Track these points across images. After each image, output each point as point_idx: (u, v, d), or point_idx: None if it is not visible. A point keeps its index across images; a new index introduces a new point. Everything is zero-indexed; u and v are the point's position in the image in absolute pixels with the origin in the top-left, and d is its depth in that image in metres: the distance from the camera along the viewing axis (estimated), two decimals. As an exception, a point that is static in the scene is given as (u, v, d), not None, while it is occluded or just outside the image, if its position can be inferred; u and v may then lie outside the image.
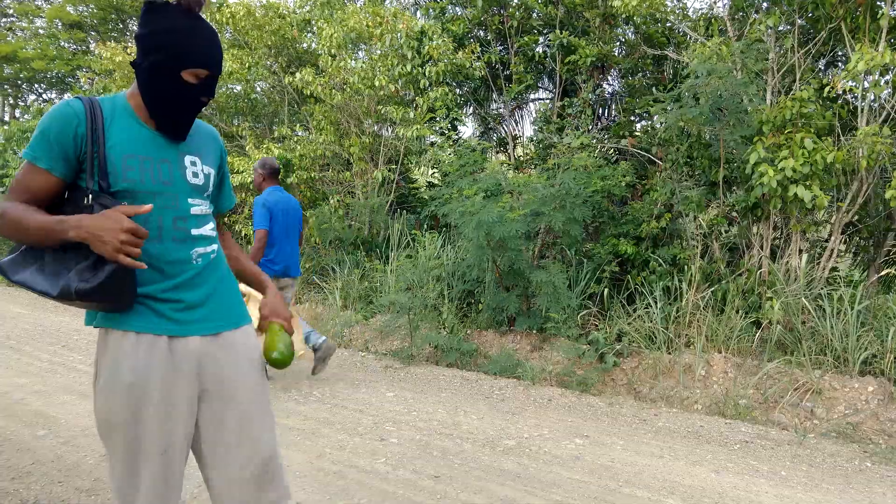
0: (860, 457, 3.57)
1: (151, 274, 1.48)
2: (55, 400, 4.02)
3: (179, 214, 1.51)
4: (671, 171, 5.71)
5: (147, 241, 1.45)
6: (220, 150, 1.69)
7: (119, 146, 1.46)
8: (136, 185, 1.46)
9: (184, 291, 1.53)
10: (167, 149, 1.53)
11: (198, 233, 1.55)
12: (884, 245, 5.48)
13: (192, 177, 1.55)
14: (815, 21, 5.58)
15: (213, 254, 1.60)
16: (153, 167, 1.49)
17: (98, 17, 14.23)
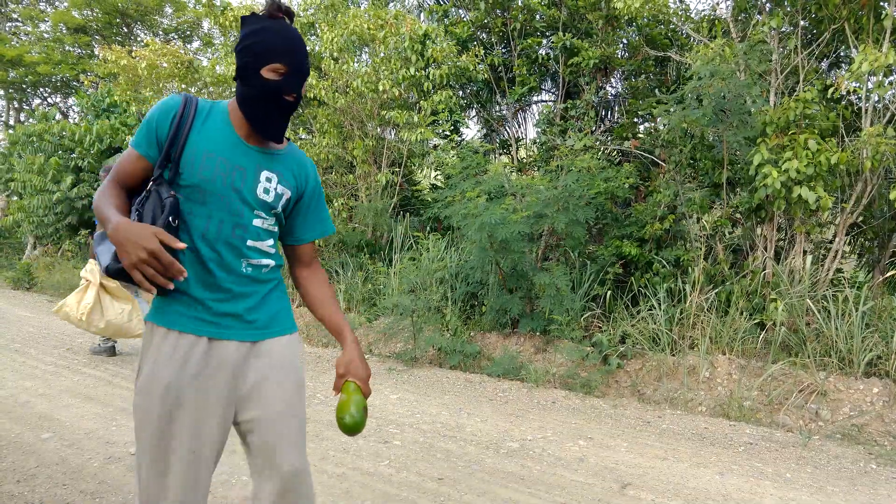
0: (865, 459, 3.56)
1: (202, 275, 1.53)
2: (60, 403, 4.04)
3: (240, 223, 1.54)
4: (674, 173, 5.71)
5: (199, 241, 1.52)
6: (307, 177, 1.67)
7: (203, 144, 1.53)
8: (206, 183, 1.51)
9: (228, 297, 1.56)
10: (247, 158, 1.56)
11: (253, 244, 1.57)
12: (888, 246, 5.46)
13: (263, 192, 1.56)
14: (819, 22, 5.57)
15: (265, 268, 1.61)
16: (228, 171, 1.53)
17: (103, 22, 14.30)
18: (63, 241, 10.25)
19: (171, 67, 8.11)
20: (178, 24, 15.22)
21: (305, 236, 1.72)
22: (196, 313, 1.53)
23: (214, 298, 1.54)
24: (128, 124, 9.65)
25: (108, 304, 4.97)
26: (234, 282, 1.55)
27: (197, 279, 1.53)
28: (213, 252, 1.52)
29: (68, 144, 9.85)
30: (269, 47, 1.47)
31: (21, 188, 10.64)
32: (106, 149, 9.64)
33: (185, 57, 8.30)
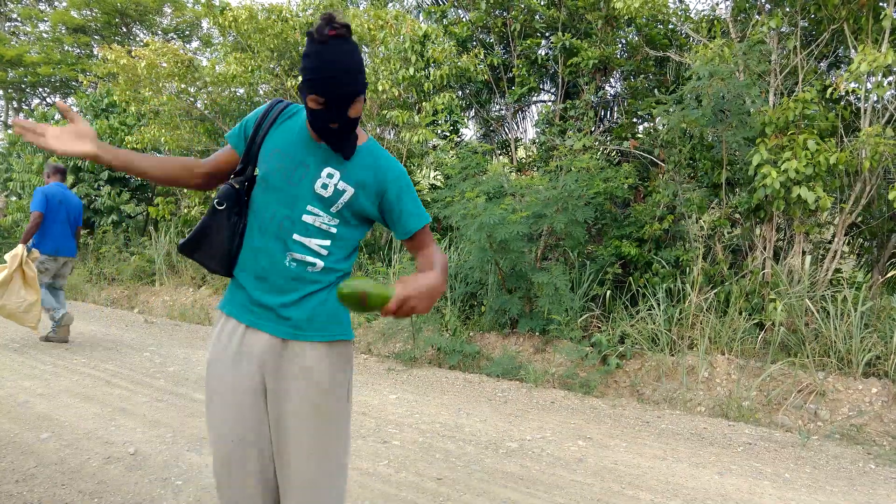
0: (864, 459, 3.56)
1: (252, 262, 1.61)
2: (59, 403, 4.04)
3: (290, 216, 1.57)
4: (673, 173, 5.71)
5: (255, 232, 1.60)
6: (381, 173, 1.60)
7: (275, 140, 1.62)
8: (268, 175, 1.59)
9: (269, 289, 1.59)
10: (312, 156, 1.58)
11: (300, 240, 1.57)
12: (887, 246, 5.47)
13: (321, 187, 1.56)
14: (818, 22, 5.57)
15: (311, 267, 1.58)
16: (290, 166, 1.58)
17: (102, 22, 14.29)
18: (62, 240, 10.25)
19: (171, 67, 8.10)
20: (177, 24, 15.22)
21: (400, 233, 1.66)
22: (242, 300, 1.62)
23: (257, 288, 1.59)
24: (127, 124, 9.64)
25: (15, 289, 5.19)
26: (276, 274, 1.58)
27: (249, 268, 1.61)
28: (263, 242, 1.58)
29: (67, 144, 9.84)
30: (310, 77, 1.46)
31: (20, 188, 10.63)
32: (105, 149, 9.63)
33: (185, 56, 8.30)
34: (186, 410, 3.98)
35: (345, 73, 1.46)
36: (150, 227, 9.66)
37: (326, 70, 1.44)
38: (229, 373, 1.59)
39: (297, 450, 1.56)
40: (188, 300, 7.73)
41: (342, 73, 1.46)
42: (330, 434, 1.59)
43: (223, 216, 1.64)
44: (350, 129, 1.53)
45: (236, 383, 1.58)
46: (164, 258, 8.57)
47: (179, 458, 3.22)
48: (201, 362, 5.23)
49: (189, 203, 8.69)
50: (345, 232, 1.62)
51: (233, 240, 1.64)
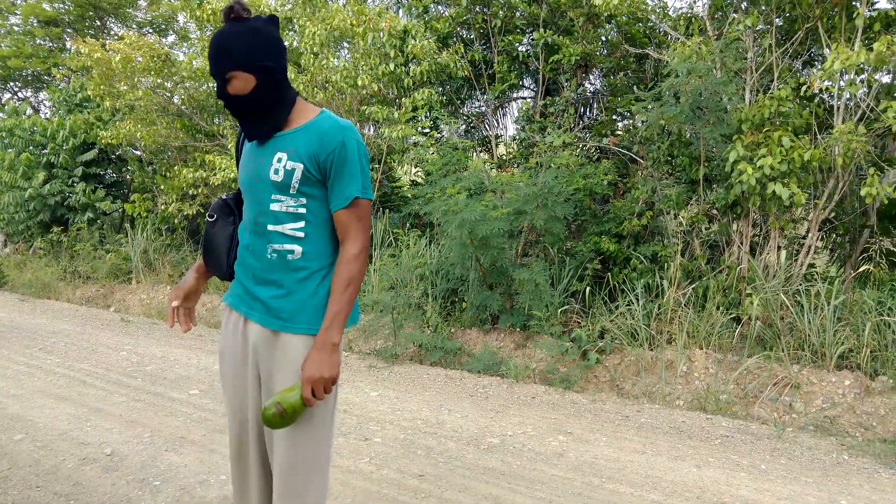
0: (837, 450, 3.63)
1: (243, 258, 1.69)
2: (32, 403, 3.96)
3: (261, 209, 1.63)
4: (652, 170, 5.76)
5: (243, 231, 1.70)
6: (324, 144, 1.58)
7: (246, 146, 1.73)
8: (242, 182, 1.69)
9: (255, 281, 1.66)
10: (267, 147, 1.64)
11: (274, 228, 1.61)
12: (859, 242, 5.58)
13: (273, 173, 1.60)
14: (793, 21, 5.66)
15: (290, 254, 1.62)
16: (253, 165, 1.65)
17: (75, 14, 14.00)
18: (34, 238, 10.03)
19: (147, 61, 7.97)
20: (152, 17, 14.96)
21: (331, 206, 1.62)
22: (240, 292, 1.71)
23: (249, 281, 1.68)
24: (102, 119, 9.46)
25: None
26: (262, 268, 1.64)
27: (242, 264, 1.70)
28: (249, 240, 1.67)
29: (40, 140, 9.64)
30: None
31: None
32: (80, 144, 9.45)
33: (161, 51, 8.16)
34: (164, 410, 3.93)
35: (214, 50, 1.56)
36: (126, 224, 9.50)
37: (211, 50, 1.57)
38: (233, 360, 1.72)
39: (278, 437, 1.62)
40: (165, 298, 7.63)
41: (214, 49, 1.56)
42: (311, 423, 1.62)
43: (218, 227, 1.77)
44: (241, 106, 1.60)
45: (239, 371, 1.71)
46: (140, 256, 8.44)
47: (157, 458, 3.18)
48: (179, 361, 5.17)
49: (167, 200, 8.56)
50: (316, 210, 1.62)
51: (229, 248, 1.76)
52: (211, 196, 8.16)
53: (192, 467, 3.07)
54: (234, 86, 1.57)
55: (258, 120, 1.61)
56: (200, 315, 7.07)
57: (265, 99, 1.59)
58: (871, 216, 5.40)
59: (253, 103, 1.59)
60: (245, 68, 1.55)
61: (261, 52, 1.56)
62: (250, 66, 1.55)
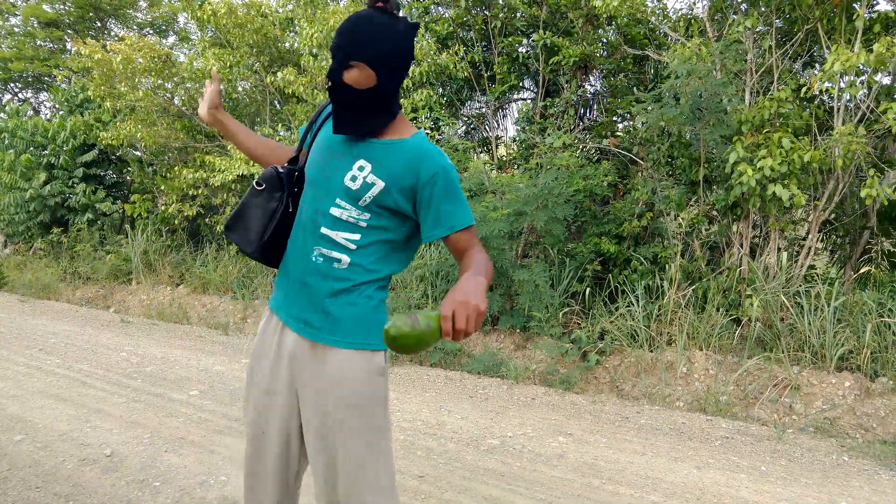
0: (837, 451, 3.63)
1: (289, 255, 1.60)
2: (32, 404, 3.96)
3: (320, 208, 1.53)
4: (652, 171, 5.76)
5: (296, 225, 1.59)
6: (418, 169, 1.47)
7: (323, 133, 1.62)
8: (308, 168, 1.60)
9: (295, 284, 1.57)
10: (347, 147, 1.53)
11: (326, 233, 1.51)
12: (859, 243, 5.58)
13: (350, 180, 1.49)
14: (793, 22, 5.66)
15: (338, 263, 1.50)
16: (326, 158, 1.55)
17: (76, 15, 14.01)
18: (35, 239, 10.04)
19: (147, 62, 7.97)
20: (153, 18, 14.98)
21: (427, 234, 1.53)
22: (279, 295, 1.63)
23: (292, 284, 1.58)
24: (102, 120, 9.47)
25: None
26: (303, 269, 1.54)
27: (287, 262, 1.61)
28: (298, 236, 1.57)
29: (40, 141, 9.65)
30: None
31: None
32: (80, 145, 9.46)
33: (162, 51, 8.16)
34: (164, 411, 3.93)
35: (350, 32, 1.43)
36: (126, 225, 9.50)
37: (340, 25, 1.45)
38: (264, 366, 1.62)
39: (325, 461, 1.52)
40: (166, 299, 7.63)
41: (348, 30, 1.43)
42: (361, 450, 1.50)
43: (261, 198, 1.63)
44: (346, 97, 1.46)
45: (270, 378, 1.60)
46: (140, 256, 8.44)
47: (157, 459, 3.18)
48: (179, 362, 5.17)
49: (167, 200, 8.56)
50: (377, 227, 1.51)
51: (268, 224, 1.61)
52: (211, 197, 8.16)
53: (191, 468, 3.07)
54: (352, 75, 1.44)
55: (357, 117, 1.49)
56: (201, 316, 7.08)
57: (375, 102, 1.47)
58: (871, 217, 5.40)
59: (361, 100, 1.46)
60: (373, 65, 1.43)
61: (396, 58, 1.46)
62: (380, 66, 1.44)
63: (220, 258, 7.92)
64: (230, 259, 7.83)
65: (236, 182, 7.53)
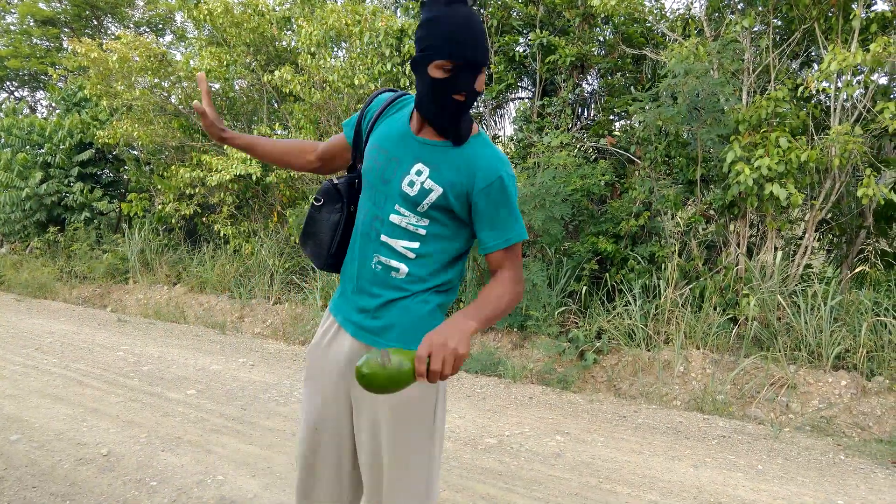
0: (834, 450, 3.64)
1: (348, 261, 1.59)
2: (28, 404, 3.95)
3: (379, 215, 1.49)
4: (649, 170, 5.77)
5: (356, 231, 1.56)
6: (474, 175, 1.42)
7: (377, 135, 1.55)
8: (366, 172, 1.54)
9: (355, 291, 1.55)
10: (405, 149, 1.47)
11: (386, 241, 1.47)
12: (856, 242, 5.59)
13: (408, 185, 1.44)
14: (790, 22, 5.67)
15: (395, 272, 1.48)
16: (384, 162, 1.49)
17: (72, 14, 13.97)
18: (31, 238, 10.01)
19: (144, 61, 7.95)
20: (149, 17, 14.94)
21: (483, 246, 1.48)
22: (338, 299, 1.62)
23: (348, 288, 1.57)
24: (99, 119, 9.44)
25: None
26: (363, 276, 1.52)
27: (347, 267, 1.60)
28: (358, 242, 1.54)
29: (37, 140, 9.62)
30: (437, 42, 1.32)
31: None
32: (77, 144, 9.43)
33: (158, 50, 8.14)
34: (161, 410, 3.92)
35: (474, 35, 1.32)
36: (123, 223, 9.48)
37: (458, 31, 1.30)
38: (320, 365, 1.61)
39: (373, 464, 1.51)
40: (163, 298, 7.62)
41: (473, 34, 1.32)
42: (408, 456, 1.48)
43: (323, 213, 1.62)
44: (471, 106, 1.40)
45: (324, 378, 1.59)
46: (137, 256, 8.42)
47: (154, 458, 3.17)
48: (176, 361, 5.16)
49: (164, 199, 8.54)
50: (437, 234, 1.47)
51: (333, 237, 1.61)
52: (208, 196, 8.14)
53: (188, 468, 3.07)
54: (481, 80, 1.36)
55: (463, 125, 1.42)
56: (198, 315, 7.06)
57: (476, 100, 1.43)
58: (867, 217, 5.41)
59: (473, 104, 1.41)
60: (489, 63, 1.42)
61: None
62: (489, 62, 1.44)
63: (218, 257, 7.91)
64: (227, 258, 7.82)
65: (233, 181, 7.51)
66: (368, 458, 1.52)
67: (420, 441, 1.50)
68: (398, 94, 1.60)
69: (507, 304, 1.43)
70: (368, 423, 1.51)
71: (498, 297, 1.42)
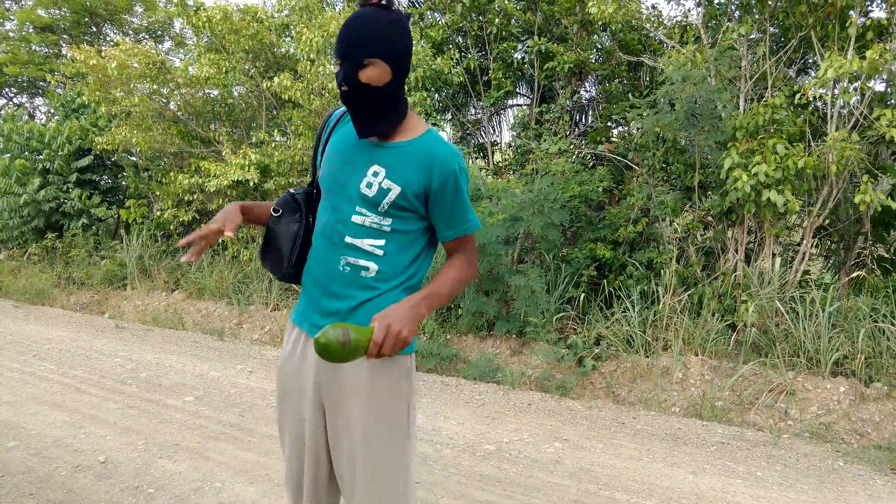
0: (833, 456, 3.64)
1: (312, 266, 1.59)
2: (26, 410, 3.94)
3: (341, 218, 1.53)
4: (647, 177, 5.78)
5: (317, 237, 1.59)
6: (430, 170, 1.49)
7: (332, 144, 1.61)
8: (323, 179, 1.59)
9: (324, 295, 1.56)
10: (359, 153, 1.53)
11: (352, 242, 1.51)
12: (853, 248, 5.60)
13: (366, 186, 1.49)
14: (786, 29, 5.70)
15: (365, 271, 1.51)
16: (340, 167, 1.55)
17: (71, 21, 14.00)
18: (29, 244, 9.99)
19: (143, 68, 7.96)
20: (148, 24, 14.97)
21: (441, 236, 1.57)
22: (303, 307, 1.62)
23: (315, 292, 1.58)
24: (98, 125, 9.45)
25: None
26: (332, 279, 1.54)
27: (311, 273, 1.60)
28: (321, 247, 1.56)
29: (35, 146, 9.62)
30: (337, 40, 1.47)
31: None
32: (75, 150, 9.43)
33: (157, 57, 8.16)
34: (159, 417, 3.91)
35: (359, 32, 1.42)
36: (121, 230, 9.47)
37: (345, 29, 1.43)
38: (291, 380, 1.62)
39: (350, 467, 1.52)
40: (161, 304, 7.61)
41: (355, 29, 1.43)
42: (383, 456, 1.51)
43: (282, 223, 1.66)
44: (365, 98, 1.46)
45: (297, 392, 1.60)
46: (135, 262, 8.41)
47: (152, 465, 3.16)
48: (174, 368, 5.15)
49: (162, 206, 8.54)
50: (401, 230, 1.52)
51: (293, 247, 1.64)
52: (206, 202, 8.14)
53: (186, 475, 3.06)
54: (369, 73, 1.43)
55: (376, 117, 1.49)
56: (196, 321, 7.05)
57: (391, 96, 1.48)
58: (865, 223, 5.43)
59: (379, 98, 1.47)
60: (388, 59, 1.44)
61: (403, 49, 1.47)
62: (392, 59, 1.45)
63: (216, 264, 7.90)
64: (225, 265, 7.81)
65: (231, 187, 7.51)
66: (345, 462, 1.53)
67: (396, 441, 1.53)
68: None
69: (459, 288, 1.55)
70: (343, 427, 1.53)
71: (450, 279, 1.53)
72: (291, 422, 1.62)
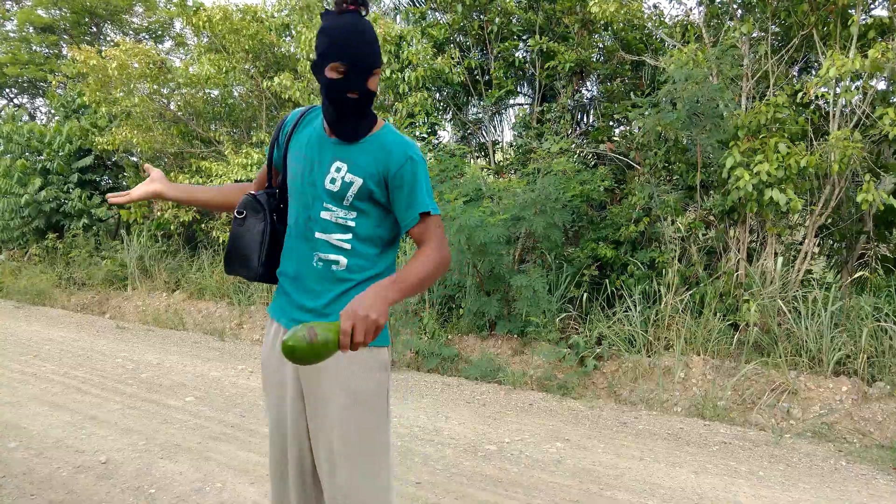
0: (835, 456, 3.63)
1: (287, 264, 1.65)
2: (26, 411, 3.93)
3: (311, 216, 1.59)
4: (649, 176, 5.77)
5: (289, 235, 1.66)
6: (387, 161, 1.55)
7: (296, 144, 1.66)
8: (291, 179, 1.64)
9: (298, 290, 1.62)
10: (324, 152, 1.60)
11: (321, 237, 1.58)
12: (856, 247, 5.59)
13: (330, 182, 1.57)
14: (788, 28, 5.68)
15: (336, 265, 1.58)
16: (306, 166, 1.60)
17: (71, 21, 14.00)
18: (30, 245, 9.99)
19: (143, 68, 7.96)
20: (148, 24, 14.97)
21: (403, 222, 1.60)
22: (282, 303, 1.67)
23: (292, 290, 1.63)
24: (98, 125, 9.44)
25: None
26: (307, 275, 1.60)
27: (286, 271, 1.65)
28: (294, 244, 1.63)
29: (36, 146, 9.61)
30: (329, 46, 1.48)
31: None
32: (76, 150, 9.43)
33: (157, 57, 8.16)
34: (160, 417, 3.91)
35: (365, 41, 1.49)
36: (122, 230, 9.47)
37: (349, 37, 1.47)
38: (273, 375, 1.67)
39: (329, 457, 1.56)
40: (161, 305, 7.60)
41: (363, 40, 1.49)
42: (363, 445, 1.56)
43: (246, 224, 1.71)
44: (367, 104, 1.54)
45: (279, 387, 1.66)
46: (136, 262, 8.41)
47: (153, 466, 3.16)
48: (175, 368, 5.14)
49: (162, 206, 8.53)
50: (365, 224, 1.59)
51: (261, 246, 1.69)
52: (207, 202, 8.13)
53: (187, 475, 3.05)
54: (374, 81, 1.53)
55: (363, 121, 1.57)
56: (196, 322, 7.05)
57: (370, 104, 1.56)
58: (867, 222, 5.41)
59: (370, 103, 1.55)
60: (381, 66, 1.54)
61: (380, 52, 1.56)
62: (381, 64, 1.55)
63: (216, 264, 7.89)
64: (226, 264, 7.80)
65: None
66: (326, 451, 1.57)
67: (375, 429, 1.58)
68: (308, 108, 1.73)
69: (431, 272, 1.53)
70: (323, 417, 1.57)
71: (418, 265, 1.53)
72: (273, 414, 1.69)
